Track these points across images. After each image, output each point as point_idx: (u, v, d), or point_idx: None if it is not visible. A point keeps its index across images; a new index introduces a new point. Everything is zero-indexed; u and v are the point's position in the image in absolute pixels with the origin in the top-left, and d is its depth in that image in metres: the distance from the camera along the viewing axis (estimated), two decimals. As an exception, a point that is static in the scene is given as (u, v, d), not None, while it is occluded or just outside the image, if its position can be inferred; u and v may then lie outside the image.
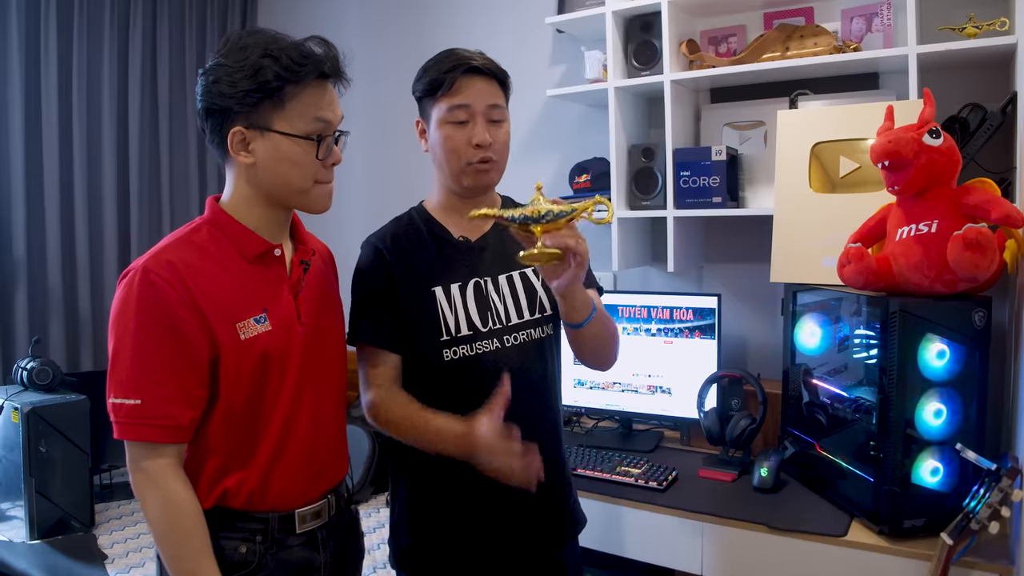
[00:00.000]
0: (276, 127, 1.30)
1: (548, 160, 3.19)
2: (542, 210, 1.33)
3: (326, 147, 1.35)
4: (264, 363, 1.33)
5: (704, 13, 2.71)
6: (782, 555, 1.90)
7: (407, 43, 3.58)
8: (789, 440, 2.20)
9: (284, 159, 1.31)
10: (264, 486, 1.34)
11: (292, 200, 1.37)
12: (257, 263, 1.37)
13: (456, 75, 1.50)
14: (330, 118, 1.34)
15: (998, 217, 1.64)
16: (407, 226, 1.63)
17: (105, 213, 3.77)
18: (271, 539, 1.36)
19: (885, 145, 1.72)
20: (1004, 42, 2.00)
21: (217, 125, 1.31)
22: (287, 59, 1.27)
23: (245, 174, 1.34)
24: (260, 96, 1.27)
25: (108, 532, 3.16)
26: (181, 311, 1.25)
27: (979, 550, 1.69)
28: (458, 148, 1.52)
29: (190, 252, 1.31)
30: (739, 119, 2.67)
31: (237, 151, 1.31)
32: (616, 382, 2.60)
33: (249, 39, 1.30)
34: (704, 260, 2.83)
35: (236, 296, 1.32)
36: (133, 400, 1.24)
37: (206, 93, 1.30)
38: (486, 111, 1.52)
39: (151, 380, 1.24)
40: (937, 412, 1.75)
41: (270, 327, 1.34)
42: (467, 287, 1.57)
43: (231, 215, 1.36)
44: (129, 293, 1.26)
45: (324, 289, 1.51)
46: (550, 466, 1.63)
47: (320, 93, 1.33)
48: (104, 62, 3.71)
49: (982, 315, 1.75)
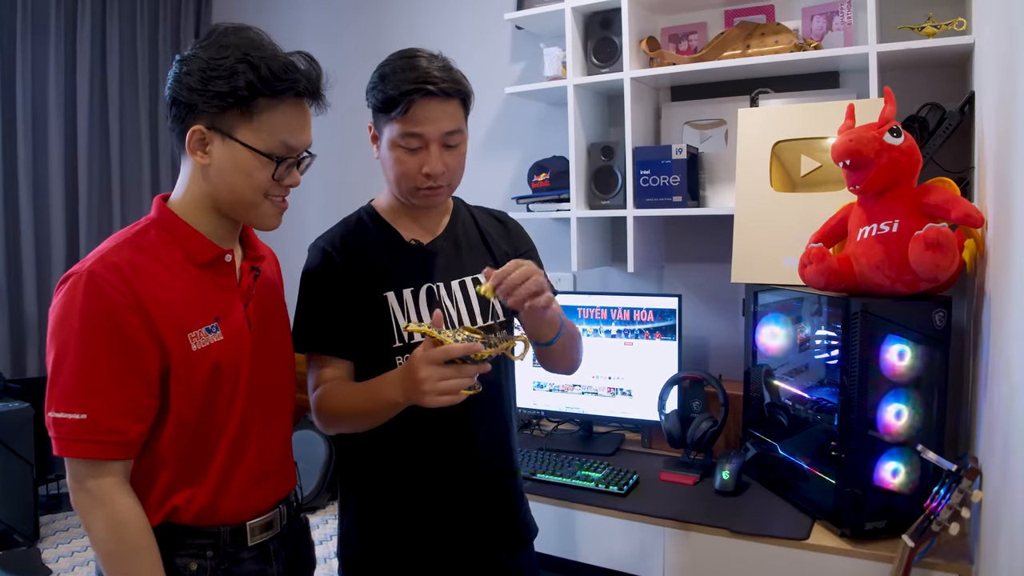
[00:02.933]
0: (239, 136, 1.23)
1: (507, 158, 3.15)
2: (484, 354, 1.30)
3: (285, 168, 1.28)
4: (216, 375, 1.27)
5: (664, 10, 2.69)
6: (744, 559, 1.88)
7: (366, 41, 3.52)
8: (751, 442, 2.18)
9: (239, 169, 1.25)
10: (214, 501, 1.28)
11: (238, 211, 1.30)
12: (207, 269, 1.30)
13: (413, 99, 1.39)
14: (296, 145, 1.28)
15: (958, 216, 1.63)
16: (356, 228, 1.56)
17: (52, 213, 3.67)
18: (222, 554, 1.30)
19: (846, 144, 1.70)
20: (961, 42, 2.01)
21: (179, 118, 1.25)
22: (266, 70, 1.20)
23: (200, 173, 1.27)
24: (230, 102, 1.21)
25: (54, 545, 3.06)
26: (129, 317, 1.18)
27: (940, 551, 1.68)
28: (408, 173, 1.45)
29: (138, 255, 1.24)
30: (700, 117, 2.65)
31: (194, 149, 1.24)
32: (576, 384, 2.57)
33: (232, 38, 1.23)
34: (664, 260, 2.81)
35: (187, 304, 1.25)
36: (77, 415, 1.16)
37: (175, 82, 1.23)
38: (442, 138, 1.44)
39: (96, 392, 1.17)
40: (898, 413, 1.74)
41: (222, 337, 1.28)
42: (420, 292, 1.52)
43: (180, 216, 1.29)
44: (72, 298, 1.18)
45: (273, 296, 1.45)
46: (503, 475, 1.62)
47: (293, 114, 1.26)
48: (50, 58, 3.60)
49: (942, 315, 1.74)
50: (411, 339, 1.50)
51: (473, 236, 1.63)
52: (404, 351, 1.49)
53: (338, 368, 1.50)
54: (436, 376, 1.28)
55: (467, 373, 1.29)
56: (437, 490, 1.53)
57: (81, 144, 3.72)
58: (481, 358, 1.30)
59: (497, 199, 3.03)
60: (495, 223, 1.68)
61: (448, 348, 1.28)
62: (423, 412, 1.36)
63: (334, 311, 1.49)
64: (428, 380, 1.28)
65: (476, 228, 1.64)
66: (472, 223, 1.64)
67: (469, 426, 1.54)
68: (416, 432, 1.48)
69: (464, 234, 1.61)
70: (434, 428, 1.49)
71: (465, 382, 1.29)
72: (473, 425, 1.54)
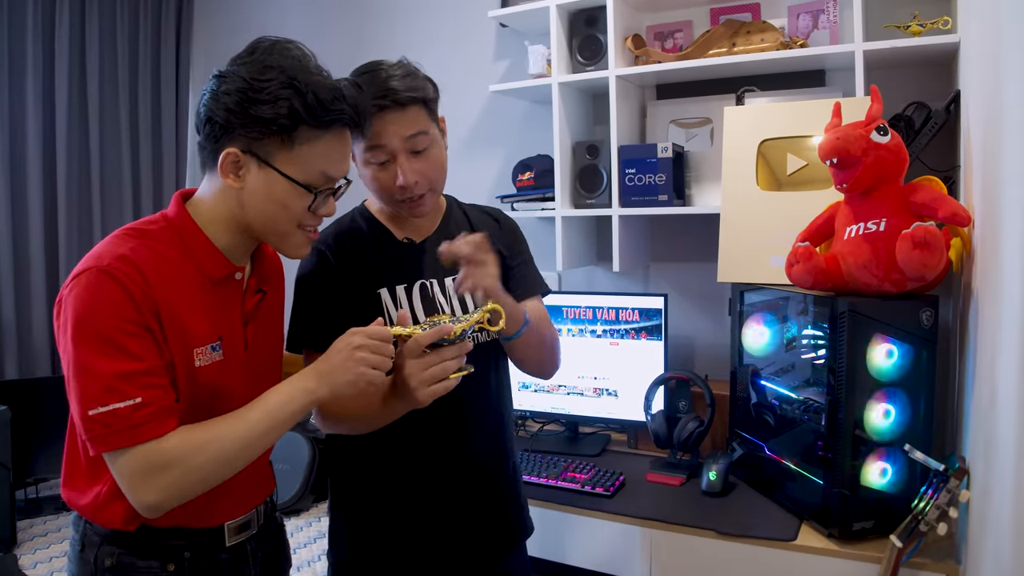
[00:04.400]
0: (277, 164, 1.18)
1: (491, 157, 3.13)
2: (456, 330, 1.28)
3: (323, 199, 1.24)
4: (211, 395, 1.23)
5: (650, 8, 2.68)
6: (731, 560, 1.87)
7: (351, 39, 3.48)
8: (737, 442, 2.17)
9: (274, 199, 1.20)
10: (194, 509, 1.25)
11: (268, 238, 1.27)
12: (218, 285, 1.26)
13: (370, 117, 1.37)
14: (336, 175, 1.24)
15: (945, 215, 1.62)
16: (349, 227, 1.55)
17: (31, 215, 3.61)
18: (200, 555, 1.29)
19: (833, 142, 1.69)
20: (947, 40, 2.01)
21: (213, 136, 1.18)
22: (313, 98, 1.15)
23: (232, 193, 1.21)
24: (272, 129, 1.15)
25: (32, 551, 3.00)
26: (147, 312, 1.13)
27: (927, 551, 1.68)
28: (385, 188, 1.44)
29: (153, 258, 1.17)
30: (685, 115, 2.64)
31: (227, 172, 1.18)
32: (562, 385, 2.55)
33: (278, 58, 1.17)
34: (650, 259, 2.80)
35: (195, 319, 1.20)
36: (131, 400, 1.09)
37: (212, 100, 1.17)
38: (406, 146, 1.41)
39: (141, 373, 1.10)
40: (886, 412, 1.74)
41: (222, 356, 1.24)
42: (412, 289, 1.52)
43: (200, 226, 1.24)
44: (95, 293, 1.10)
45: (273, 318, 1.41)
46: (499, 474, 1.61)
47: (336, 146, 1.22)
48: (28, 56, 3.55)
49: (930, 314, 1.73)
50: None
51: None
52: (397, 348, 1.47)
53: None
54: (417, 368, 1.26)
55: (448, 355, 1.27)
56: (428, 491, 1.52)
57: (60, 145, 3.65)
58: (456, 335, 1.28)
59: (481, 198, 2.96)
60: (488, 220, 1.67)
61: (418, 338, 1.27)
62: (416, 414, 1.35)
63: (330, 309, 1.48)
64: (412, 375, 1.26)
65: (469, 225, 1.63)
66: (465, 221, 1.63)
67: (462, 428, 1.53)
68: (408, 433, 1.46)
69: (457, 231, 1.59)
70: (426, 429, 1.48)
71: (451, 365, 1.27)
72: (466, 426, 1.54)
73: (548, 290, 1.68)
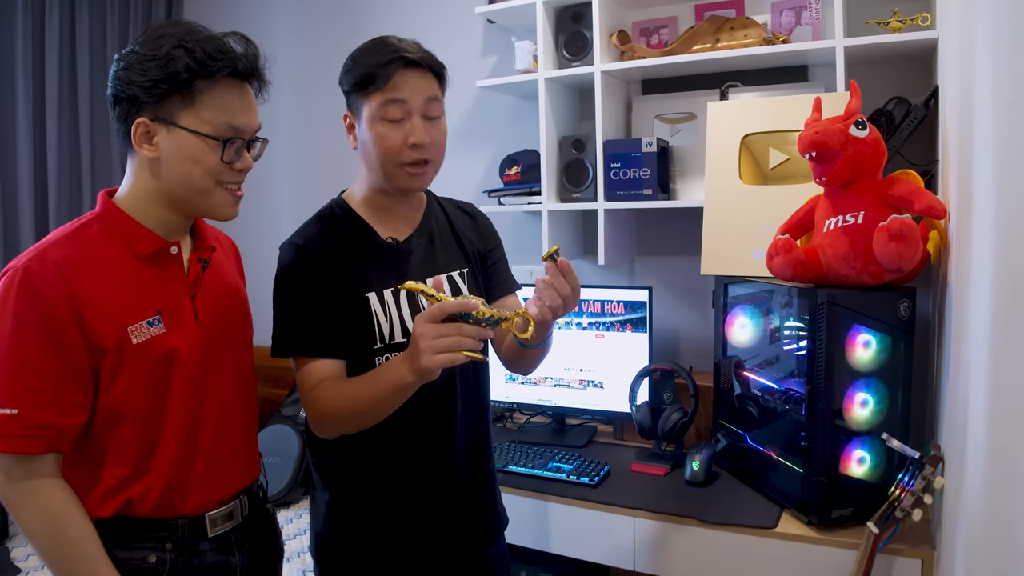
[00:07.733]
0: (183, 123, 1.24)
1: (479, 152, 3.15)
2: (485, 313, 1.27)
3: (234, 150, 1.28)
4: (160, 367, 1.27)
5: (635, 4, 2.70)
6: (714, 548, 1.89)
7: (338, 36, 3.49)
8: (721, 433, 2.20)
9: (187, 156, 1.25)
10: (170, 493, 1.29)
11: (193, 200, 1.30)
12: (151, 262, 1.30)
13: (391, 69, 1.39)
14: (241, 126, 1.28)
15: (921, 208, 1.65)
16: (332, 225, 1.51)
17: (21, 211, 3.60)
18: (182, 546, 1.30)
19: (812, 136, 1.72)
20: (926, 37, 2.04)
21: (123, 114, 1.26)
22: (201, 52, 1.21)
23: (148, 168, 1.28)
24: (168, 88, 1.21)
25: (23, 543, 3.02)
26: (62, 313, 1.18)
27: (904, 537, 1.71)
28: (393, 148, 1.42)
29: (77, 250, 1.24)
30: (670, 111, 2.67)
31: (140, 143, 1.25)
32: (548, 377, 2.57)
33: (167, 29, 1.24)
34: (635, 253, 2.83)
35: (126, 298, 1.25)
36: (8, 410, 1.16)
37: (115, 80, 1.25)
38: (423, 107, 1.43)
39: (27, 388, 1.17)
40: (864, 402, 1.76)
41: (165, 329, 1.28)
42: (399, 292, 1.50)
43: (124, 211, 1.29)
44: (7, 294, 1.18)
45: (226, 285, 1.44)
46: (482, 469, 1.63)
47: (234, 95, 1.27)
48: (17, 53, 3.53)
49: (907, 306, 1.76)
50: (391, 339, 1.48)
51: (445, 230, 1.62)
52: (384, 351, 1.47)
53: (330, 368, 1.43)
54: (432, 333, 1.23)
55: (467, 332, 1.24)
56: (413, 487, 1.52)
57: (50, 143, 3.64)
58: (482, 317, 1.26)
59: (469, 192, 3.02)
60: (464, 216, 1.67)
61: (443, 303, 1.25)
62: (401, 408, 1.35)
63: (317, 310, 1.44)
64: (424, 336, 1.23)
65: (447, 221, 1.63)
66: (443, 216, 1.63)
67: (449, 424, 1.53)
68: (393, 428, 1.44)
69: (437, 228, 1.60)
70: (412, 424, 1.48)
71: (465, 342, 1.23)
72: (453, 423, 1.54)
73: (518, 285, 1.71)
